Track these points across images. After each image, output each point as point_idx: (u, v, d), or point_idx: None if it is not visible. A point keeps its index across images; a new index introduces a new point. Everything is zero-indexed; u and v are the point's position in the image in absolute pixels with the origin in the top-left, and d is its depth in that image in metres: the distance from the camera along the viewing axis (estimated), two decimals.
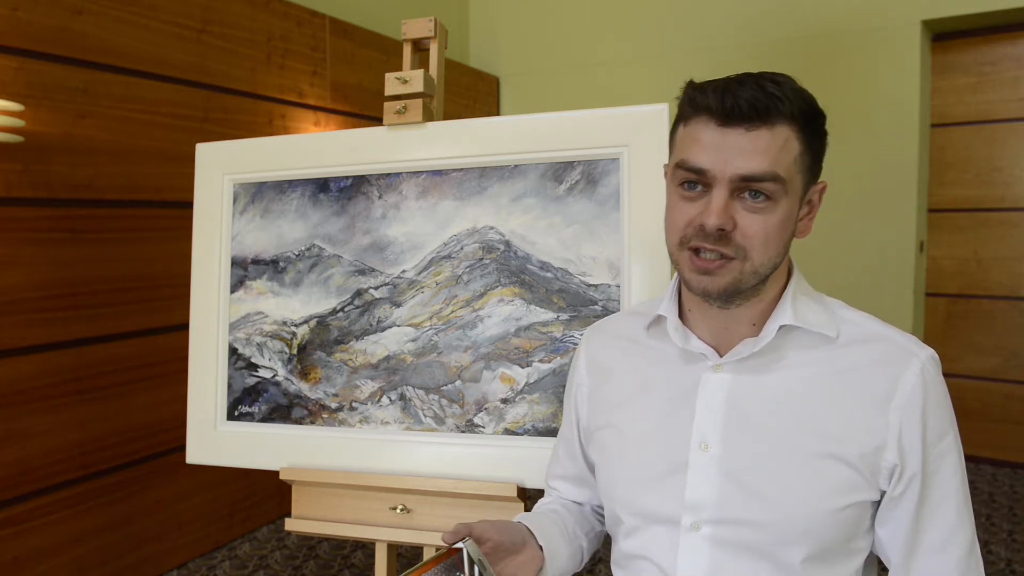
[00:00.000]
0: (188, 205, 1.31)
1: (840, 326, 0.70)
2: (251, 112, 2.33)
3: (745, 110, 0.62)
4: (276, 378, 1.22)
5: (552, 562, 0.76)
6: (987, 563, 2.14)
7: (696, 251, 0.66)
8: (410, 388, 1.15)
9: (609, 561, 2.33)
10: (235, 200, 1.27)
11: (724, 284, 0.65)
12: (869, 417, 0.65)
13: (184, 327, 1.33)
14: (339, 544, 2.28)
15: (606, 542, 0.87)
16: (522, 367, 1.10)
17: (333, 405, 1.19)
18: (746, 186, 0.63)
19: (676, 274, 0.72)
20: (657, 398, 0.73)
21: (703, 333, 0.72)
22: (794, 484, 0.65)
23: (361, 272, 1.19)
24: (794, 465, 0.65)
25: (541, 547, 0.75)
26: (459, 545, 0.66)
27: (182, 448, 1.30)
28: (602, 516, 0.86)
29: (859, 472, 0.64)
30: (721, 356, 0.70)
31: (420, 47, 1.21)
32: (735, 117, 0.63)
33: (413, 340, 1.15)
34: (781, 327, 0.68)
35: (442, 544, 0.69)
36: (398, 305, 1.16)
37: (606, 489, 0.77)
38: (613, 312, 1.06)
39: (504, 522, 0.74)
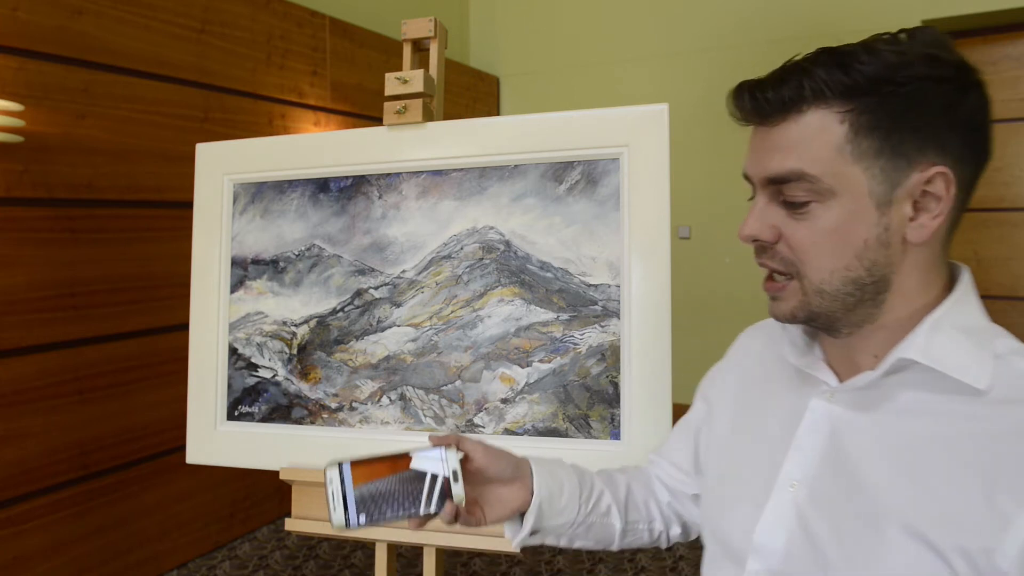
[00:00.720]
0: (188, 205, 1.31)
1: (999, 376, 0.51)
2: (251, 112, 2.33)
3: (764, 103, 0.54)
4: (276, 378, 1.22)
5: (545, 517, 0.69)
6: None
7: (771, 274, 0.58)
8: (410, 388, 1.15)
9: (608, 562, 2.33)
10: (235, 200, 1.27)
11: (790, 309, 0.56)
12: (992, 505, 0.48)
13: (184, 327, 1.33)
14: (339, 544, 2.28)
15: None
16: (522, 367, 1.10)
17: (333, 405, 1.19)
18: (778, 190, 0.55)
19: None
20: (765, 414, 0.64)
21: (831, 355, 0.60)
22: (864, 559, 0.51)
23: (361, 272, 1.19)
24: (872, 535, 0.52)
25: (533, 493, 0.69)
26: (433, 452, 0.63)
27: (182, 448, 1.30)
28: (671, 519, 0.78)
29: (951, 569, 0.48)
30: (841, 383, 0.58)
31: (420, 47, 1.21)
32: (758, 113, 0.55)
33: (413, 340, 1.15)
34: (900, 360, 0.53)
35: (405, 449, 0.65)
36: (398, 305, 1.16)
37: (702, 496, 0.70)
38: (613, 312, 1.06)
39: (501, 451, 0.68)
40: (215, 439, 1.24)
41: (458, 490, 0.63)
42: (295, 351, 1.21)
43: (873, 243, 0.53)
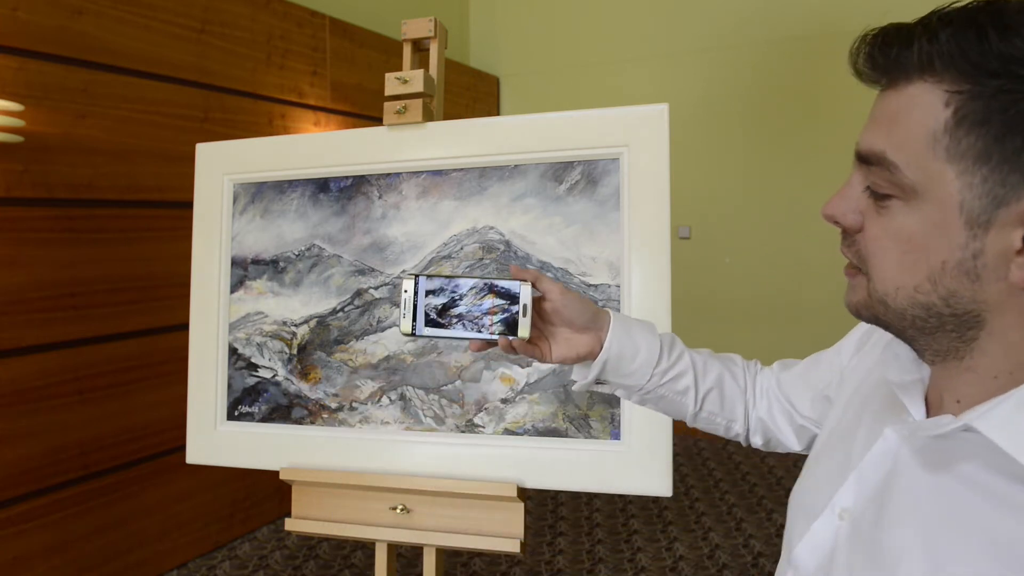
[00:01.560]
0: (188, 205, 1.31)
1: None
2: (251, 112, 2.33)
3: (873, 60, 0.43)
4: (276, 378, 1.22)
5: (610, 374, 0.68)
6: None
7: None
8: (410, 388, 1.15)
9: (608, 562, 2.32)
10: (235, 200, 1.27)
11: (855, 303, 0.48)
12: None
13: (184, 327, 1.33)
14: (339, 544, 2.28)
15: None
16: (522, 367, 1.10)
17: (333, 405, 1.19)
18: (869, 172, 0.45)
19: None
20: (858, 423, 0.55)
21: (933, 379, 0.50)
22: None
23: (361, 272, 1.19)
24: None
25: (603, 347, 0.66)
26: (511, 285, 0.64)
27: (182, 448, 1.30)
28: (757, 429, 0.73)
29: None
30: (927, 415, 0.49)
31: (420, 47, 1.21)
32: (872, 70, 0.44)
33: (413, 340, 1.15)
34: (966, 425, 0.43)
35: None
36: (398, 305, 1.16)
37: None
38: None
39: (580, 298, 0.67)
40: (215, 439, 1.24)
41: (524, 325, 0.64)
42: (295, 351, 1.21)
43: (953, 269, 0.41)
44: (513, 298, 0.64)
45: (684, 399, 0.71)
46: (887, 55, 0.42)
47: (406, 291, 0.66)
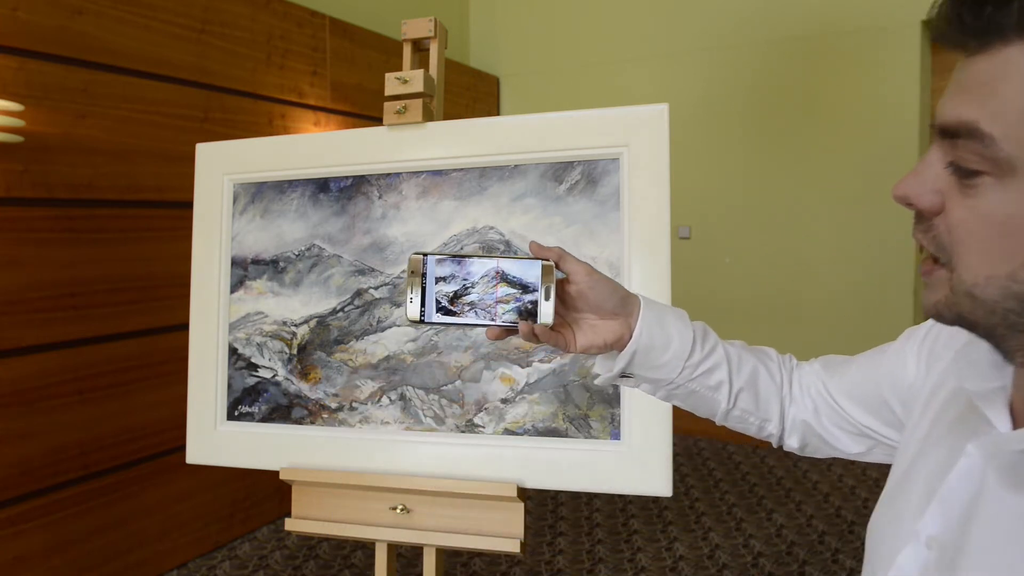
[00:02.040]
0: (188, 205, 1.31)
1: None
2: (251, 112, 2.33)
3: (961, 20, 0.38)
4: (276, 378, 1.22)
5: (638, 366, 0.62)
6: None
7: None
8: (410, 388, 1.15)
9: (608, 562, 2.32)
10: (235, 200, 1.27)
11: (934, 303, 0.42)
12: None
13: (184, 327, 1.33)
14: (339, 544, 2.28)
15: None
16: (522, 367, 1.10)
17: (333, 405, 1.19)
18: (952, 146, 0.39)
19: None
20: (931, 440, 0.51)
21: (1019, 385, 0.45)
22: None
23: (361, 272, 1.19)
24: None
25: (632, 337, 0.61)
26: (531, 264, 0.58)
27: (182, 448, 1.30)
28: (794, 431, 0.68)
29: None
30: (1014, 426, 0.44)
31: (420, 47, 1.21)
32: (959, 32, 0.39)
33: (413, 340, 1.15)
34: None
35: None
36: (398, 305, 1.16)
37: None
38: None
39: (609, 281, 0.61)
40: (215, 439, 1.24)
41: (546, 310, 0.58)
42: (295, 351, 1.21)
43: None
44: (530, 282, 0.58)
45: (716, 395, 0.65)
46: (978, 15, 0.37)
47: (412, 272, 0.59)
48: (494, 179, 1.13)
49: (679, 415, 0.98)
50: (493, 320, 0.59)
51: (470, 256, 0.60)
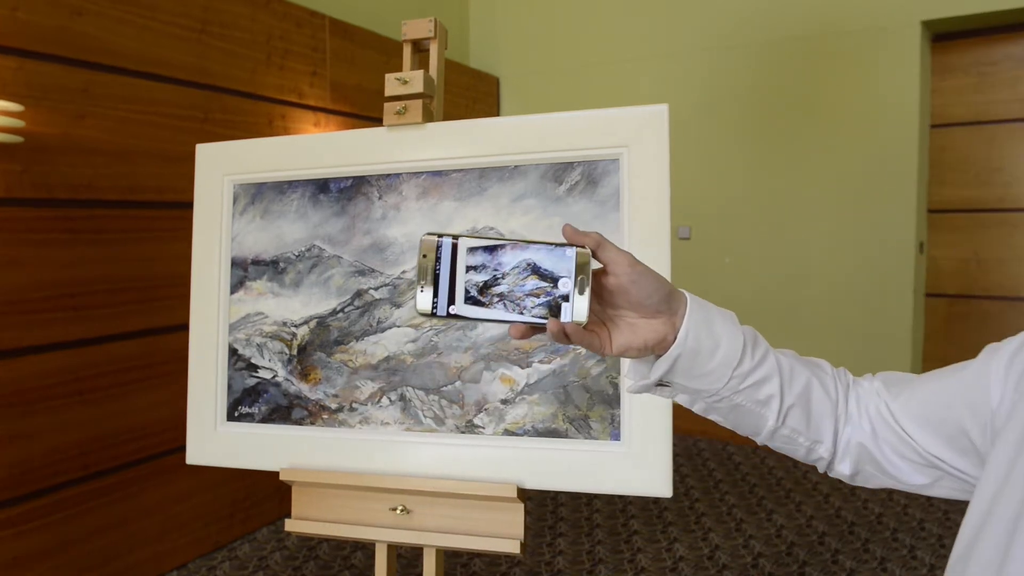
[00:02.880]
0: (188, 206, 1.31)
1: None
2: (251, 113, 2.33)
3: None
4: (276, 379, 1.22)
5: (680, 374, 0.55)
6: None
7: None
8: (410, 389, 1.15)
9: (608, 563, 2.32)
10: (235, 201, 1.27)
11: None
12: None
13: (184, 328, 1.33)
14: (339, 545, 2.28)
15: None
16: (522, 368, 1.10)
17: (333, 406, 1.19)
18: None
19: None
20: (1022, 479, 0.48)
21: None
22: None
23: (361, 273, 1.19)
24: None
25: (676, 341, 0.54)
26: (565, 252, 0.51)
27: (182, 449, 1.30)
28: (847, 455, 0.61)
29: None
30: None
31: (420, 47, 1.21)
32: None
33: (413, 341, 1.15)
34: None
35: None
36: (398, 306, 1.16)
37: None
38: None
39: (652, 274, 0.54)
40: (215, 440, 1.24)
41: (580, 306, 0.51)
42: (295, 352, 1.21)
43: None
44: (567, 270, 0.51)
45: (764, 411, 0.58)
46: None
47: (424, 256, 0.51)
48: (494, 180, 1.13)
49: (679, 415, 0.98)
50: (521, 314, 0.52)
51: (497, 240, 0.52)
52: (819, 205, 3.10)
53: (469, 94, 3.62)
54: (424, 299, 0.52)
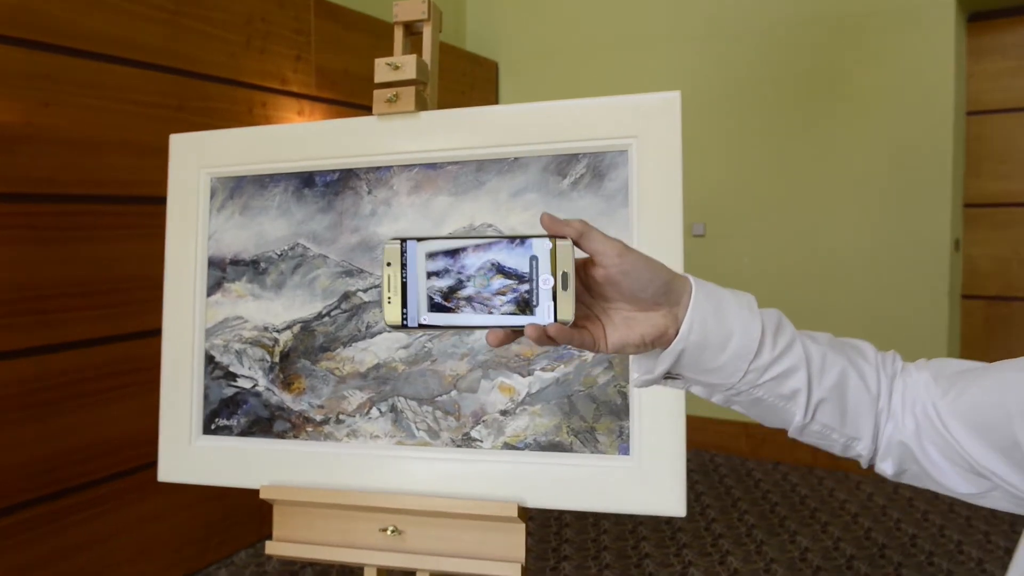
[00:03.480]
0: (161, 201, 1.31)
1: None
2: (229, 100, 2.34)
3: None
4: (256, 388, 1.23)
5: (687, 368, 0.54)
6: None
7: None
8: (402, 399, 1.16)
9: (615, 567, 2.31)
10: (212, 195, 1.27)
11: None
12: None
13: (156, 333, 1.34)
14: (324, 569, 2.28)
15: None
16: (523, 376, 1.11)
17: (318, 417, 1.19)
18: None
19: None
20: None
21: None
22: None
23: (349, 273, 1.19)
24: None
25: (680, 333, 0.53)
26: (543, 244, 0.51)
27: (153, 465, 1.31)
28: (890, 453, 0.59)
29: None
30: None
31: (412, 30, 1.21)
32: None
33: (405, 347, 1.16)
34: None
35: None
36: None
37: None
38: None
39: (647, 260, 0.53)
40: (189, 455, 1.24)
41: (565, 303, 0.50)
42: (277, 359, 1.22)
43: None
44: (546, 263, 0.51)
45: (790, 405, 0.57)
46: None
47: (389, 264, 0.52)
48: (492, 173, 1.14)
49: (694, 428, 0.98)
50: (498, 321, 0.52)
51: (463, 238, 0.53)
52: (845, 200, 3.11)
53: (466, 80, 3.63)
54: (392, 311, 0.53)
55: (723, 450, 3.30)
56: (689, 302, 0.54)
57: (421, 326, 0.52)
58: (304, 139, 1.23)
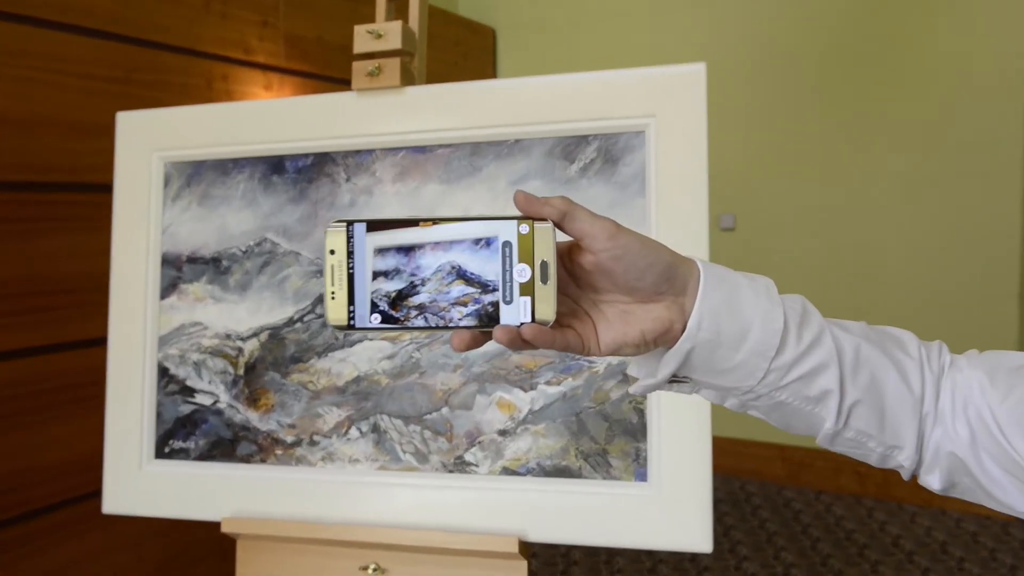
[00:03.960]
0: (106, 189, 1.32)
1: None
2: (185, 72, 2.35)
3: None
4: (217, 405, 1.24)
5: (698, 369, 0.53)
6: None
7: None
8: (385, 417, 1.17)
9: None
10: (166, 183, 1.28)
11: None
12: None
13: (101, 342, 1.35)
14: None
15: None
16: (525, 391, 1.12)
17: (289, 439, 1.20)
18: None
19: None
20: None
21: None
22: None
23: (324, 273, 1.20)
24: None
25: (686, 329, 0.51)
26: (511, 228, 0.50)
27: (97, 494, 1.31)
28: (936, 465, 0.58)
29: None
30: None
31: None
32: None
33: (389, 357, 1.17)
34: None
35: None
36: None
37: None
38: None
39: (644, 242, 0.51)
40: (140, 482, 1.25)
41: (545, 300, 0.49)
42: (241, 371, 1.23)
43: None
44: (518, 250, 0.49)
45: (819, 409, 0.55)
46: None
47: (333, 252, 0.51)
48: (490, 157, 1.15)
49: (721, 450, 0.99)
50: (461, 321, 0.50)
51: (419, 221, 0.51)
52: (898, 188, 3.12)
53: (458, 50, 3.65)
54: (337, 308, 0.51)
55: (756, 476, 3.31)
56: (697, 290, 0.52)
57: (374, 327, 0.51)
58: (272, 118, 1.24)
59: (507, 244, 0.51)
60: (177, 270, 1.27)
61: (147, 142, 1.29)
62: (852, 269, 3.21)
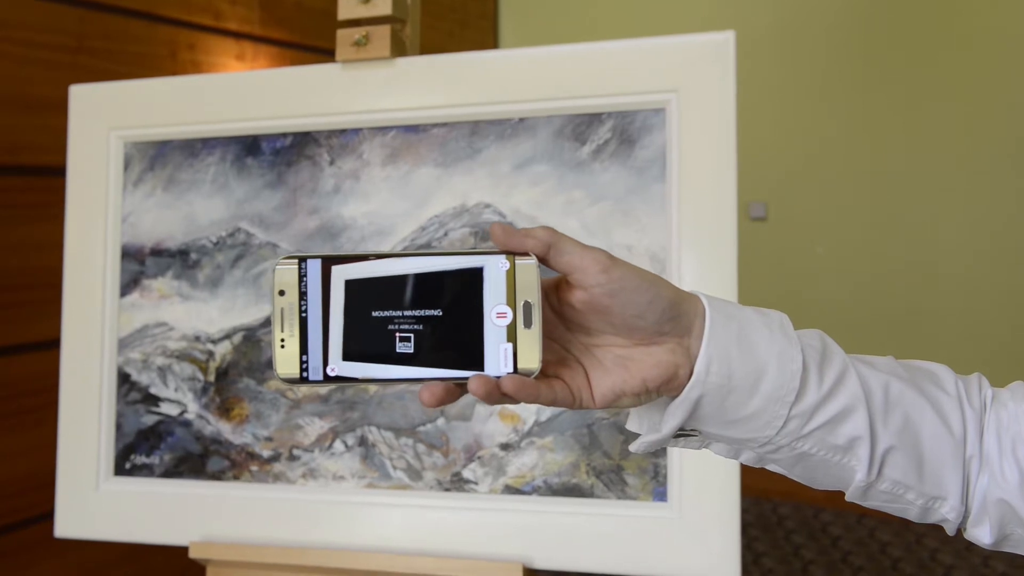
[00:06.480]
0: (58, 172, 1.33)
1: None
2: (146, 41, 2.35)
3: None
4: (185, 416, 1.24)
5: (708, 421, 0.53)
6: None
7: None
8: (374, 429, 1.17)
9: None
10: (126, 166, 1.29)
11: None
12: None
13: (54, 345, 1.35)
14: None
15: None
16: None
17: (265, 453, 1.21)
18: None
19: None
20: None
21: None
22: None
23: None
24: None
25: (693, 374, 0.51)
26: (492, 263, 0.49)
27: (49, 516, 1.32)
28: (986, 516, 0.57)
29: None
30: None
31: None
32: None
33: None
34: None
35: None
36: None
37: None
38: None
39: (642, 277, 0.50)
40: (97, 503, 1.25)
41: (528, 347, 0.48)
42: (212, 378, 1.23)
43: None
44: (497, 289, 0.49)
45: (847, 460, 0.55)
46: None
47: (281, 293, 0.51)
48: (491, 138, 1.15)
49: (750, 469, 0.99)
50: (432, 374, 0.50)
51: (381, 256, 0.51)
52: (951, 172, 3.11)
53: (455, 17, 3.64)
54: (287, 360, 0.50)
55: (789, 497, 3.31)
56: (704, 329, 0.51)
57: (328, 379, 0.50)
58: (246, 93, 1.25)
59: (483, 283, 0.50)
60: (139, 264, 1.28)
61: (104, 119, 1.30)
62: (899, 265, 3.19)
